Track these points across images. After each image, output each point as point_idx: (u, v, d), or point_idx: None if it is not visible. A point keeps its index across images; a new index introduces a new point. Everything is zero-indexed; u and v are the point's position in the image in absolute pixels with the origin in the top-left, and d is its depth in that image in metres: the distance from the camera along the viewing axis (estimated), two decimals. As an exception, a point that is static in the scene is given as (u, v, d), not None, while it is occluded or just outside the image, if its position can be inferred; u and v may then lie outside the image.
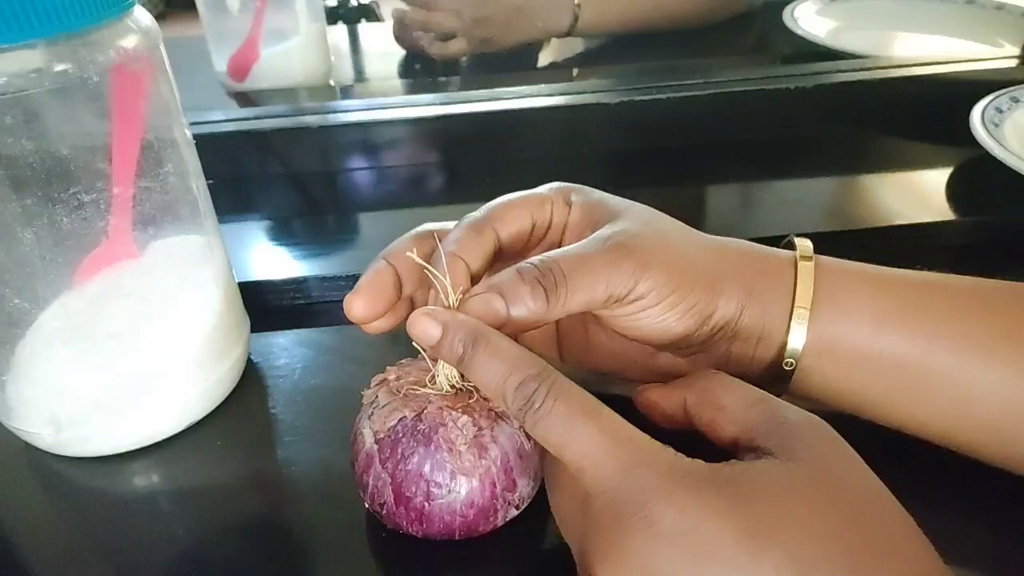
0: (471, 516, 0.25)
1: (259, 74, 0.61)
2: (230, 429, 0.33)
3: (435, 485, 0.25)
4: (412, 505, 0.25)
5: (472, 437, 0.25)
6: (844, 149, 0.54)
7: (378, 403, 0.27)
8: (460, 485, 0.25)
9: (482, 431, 0.25)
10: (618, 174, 0.52)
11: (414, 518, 0.25)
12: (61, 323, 0.29)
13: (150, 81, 0.28)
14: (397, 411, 0.26)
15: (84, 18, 0.25)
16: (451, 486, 0.25)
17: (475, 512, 0.25)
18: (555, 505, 0.24)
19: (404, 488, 0.25)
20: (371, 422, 0.26)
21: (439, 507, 0.25)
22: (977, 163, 0.48)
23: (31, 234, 0.27)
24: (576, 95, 0.54)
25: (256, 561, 0.27)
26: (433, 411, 0.26)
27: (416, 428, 0.25)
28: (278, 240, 0.46)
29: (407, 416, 0.26)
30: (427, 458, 0.25)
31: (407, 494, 0.25)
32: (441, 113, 0.53)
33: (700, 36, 0.76)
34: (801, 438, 0.22)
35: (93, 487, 0.31)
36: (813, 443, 0.22)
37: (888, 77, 0.55)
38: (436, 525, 0.25)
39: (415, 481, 0.25)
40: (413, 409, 0.26)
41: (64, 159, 0.26)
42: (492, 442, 0.25)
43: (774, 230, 0.44)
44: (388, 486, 0.25)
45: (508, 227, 0.28)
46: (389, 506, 0.26)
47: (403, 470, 0.25)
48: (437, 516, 0.25)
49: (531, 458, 0.26)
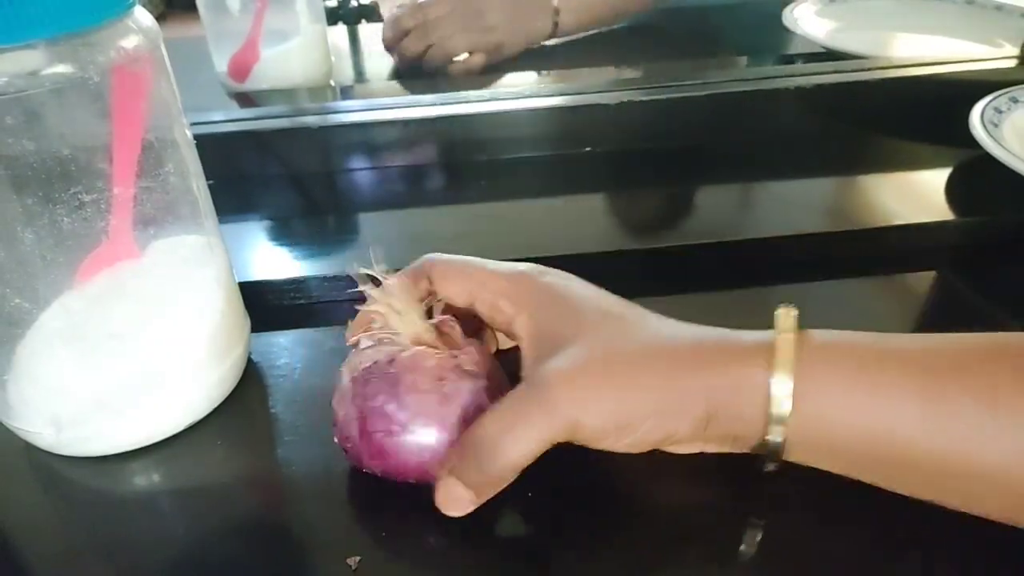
0: (426, 458, 0.27)
1: (259, 74, 0.61)
2: (230, 429, 0.33)
3: (396, 423, 0.27)
4: (373, 440, 0.27)
5: (436, 385, 0.27)
6: (844, 149, 0.54)
7: (360, 346, 0.29)
8: (419, 426, 0.27)
9: (446, 382, 0.27)
10: (618, 174, 0.52)
11: (374, 452, 0.27)
12: (62, 323, 0.29)
13: (151, 81, 0.28)
14: (373, 354, 0.28)
15: (85, 18, 0.25)
16: (410, 426, 0.27)
17: (430, 455, 0.27)
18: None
19: (368, 424, 0.27)
20: (349, 363, 0.29)
21: (397, 444, 0.27)
22: (976, 163, 0.48)
23: (32, 234, 0.27)
24: (576, 95, 0.54)
25: (256, 561, 0.27)
26: (405, 357, 0.28)
27: (387, 371, 0.27)
28: (278, 240, 0.46)
29: (381, 359, 0.28)
30: (392, 398, 0.27)
31: (370, 429, 0.27)
32: (441, 113, 0.53)
33: (700, 36, 0.76)
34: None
35: (93, 487, 0.31)
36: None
37: (888, 77, 0.55)
38: (393, 462, 0.27)
39: (379, 417, 0.27)
40: (388, 354, 0.28)
41: (65, 159, 0.26)
42: (455, 393, 0.27)
43: (774, 230, 0.44)
44: (355, 420, 0.27)
45: (444, 288, 0.30)
46: (354, 440, 0.28)
47: (369, 406, 0.27)
48: (395, 453, 0.27)
49: None
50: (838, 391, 0.25)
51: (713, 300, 0.40)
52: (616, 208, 0.50)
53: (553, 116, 0.53)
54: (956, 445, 0.24)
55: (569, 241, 0.43)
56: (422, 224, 0.48)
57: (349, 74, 0.72)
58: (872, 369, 0.25)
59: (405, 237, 0.43)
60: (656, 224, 0.49)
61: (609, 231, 0.47)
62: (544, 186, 0.51)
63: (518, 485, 0.26)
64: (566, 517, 0.28)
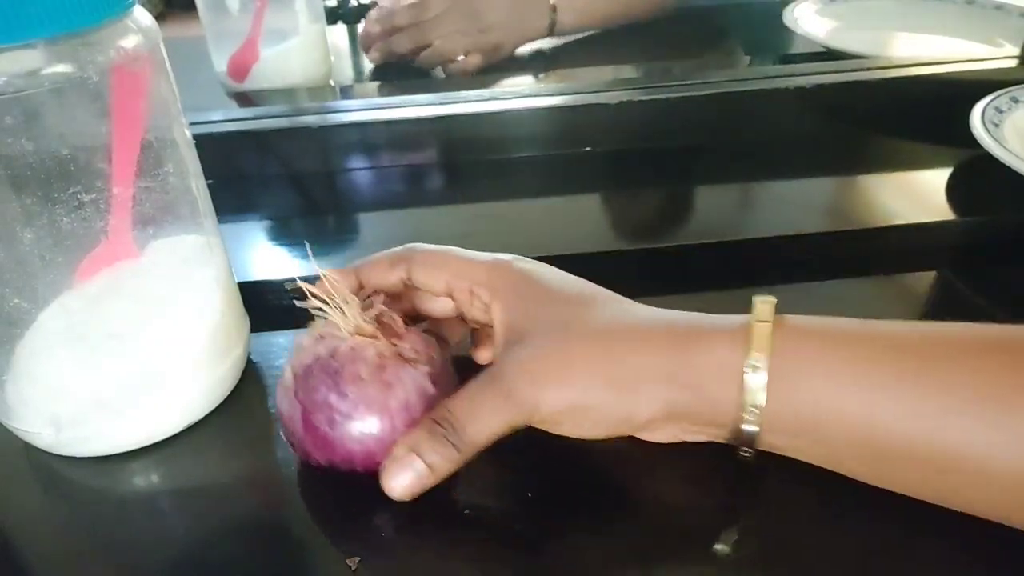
0: (371, 446, 0.27)
1: (259, 74, 0.61)
2: (230, 429, 0.33)
3: (338, 413, 0.27)
4: (318, 432, 0.28)
5: (376, 374, 0.27)
6: (844, 149, 0.54)
7: (301, 346, 0.29)
8: (362, 415, 0.27)
9: (386, 370, 0.28)
10: (618, 174, 0.52)
11: (319, 444, 0.28)
12: (61, 323, 0.29)
13: (150, 81, 0.28)
14: (313, 350, 0.29)
15: (84, 18, 0.25)
16: (353, 415, 0.27)
17: (375, 443, 0.27)
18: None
19: (311, 416, 0.28)
20: (291, 362, 0.29)
21: (341, 434, 0.27)
22: (977, 163, 0.48)
23: (31, 234, 0.27)
24: (576, 95, 0.54)
25: (256, 561, 0.27)
26: (345, 350, 0.28)
27: (328, 364, 0.28)
28: (278, 240, 0.46)
29: (322, 354, 0.28)
30: (333, 389, 0.27)
31: (314, 422, 0.28)
32: (441, 113, 0.53)
33: (700, 36, 0.76)
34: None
35: (93, 487, 0.31)
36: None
37: (888, 77, 0.55)
38: (338, 452, 0.28)
39: (321, 409, 0.27)
40: (328, 349, 0.28)
41: (64, 159, 0.26)
42: (396, 380, 0.28)
43: (774, 230, 0.44)
44: (299, 415, 0.28)
45: (422, 276, 0.31)
46: (299, 434, 0.28)
47: (312, 400, 0.28)
48: (339, 443, 0.27)
49: (434, 401, 0.28)
50: (813, 375, 0.25)
51: (713, 300, 0.40)
52: (616, 208, 0.50)
53: (553, 116, 0.53)
54: (930, 434, 0.24)
55: (569, 241, 0.43)
56: (422, 224, 0.48)
57: (349, 74, 0.72)
58: (848, 354, 0.25)
59: (405, 237, 0.43)
60: (656, 224, 0.49)
61: (609, 231, 0.47)
62: (544, 186, 0.51)
63: (517, 484, 0.26)
64: (563, 515, 0.28)
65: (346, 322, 0.29)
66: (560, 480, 0.29)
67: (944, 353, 0.24)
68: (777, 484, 0.28)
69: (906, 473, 0.25)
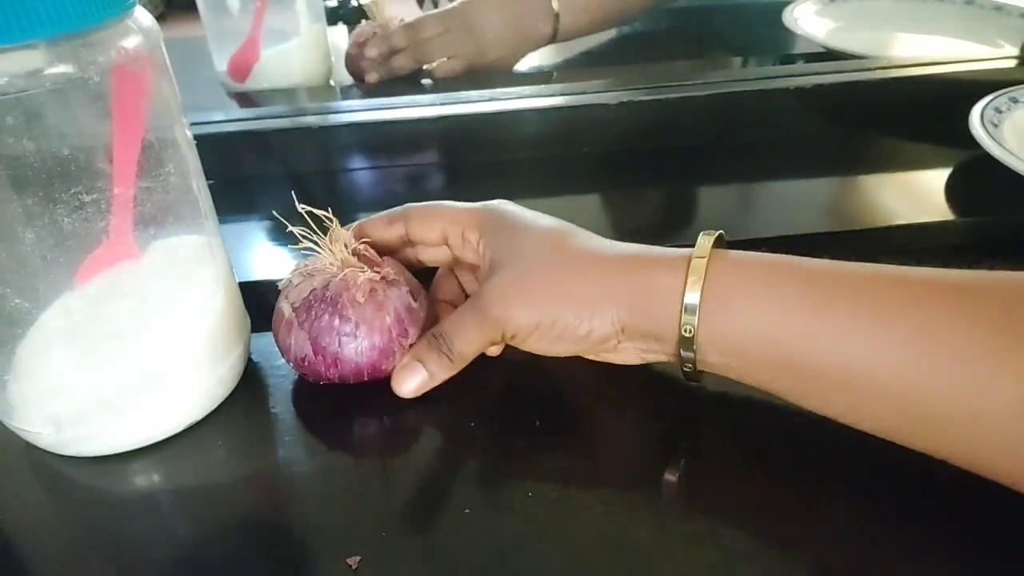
0: (375, 357, 0.33)
1: (259, 74, 0.61)
2: (231, 429, 0.33)
3: (344, 334, 0.32)
4: (327, 353, 0.32)
5: (369, 296, 0.32)
6: (844, 149, 0.54)
7: (292, 283, 0.34)
8: (363, 333, 0.32)
9: (376, 292, 0.33)
10: (617, 174, 0.53)
11: (330, 363, 0.32)
12: (62, 323, 0.29)
13: (151, 81, 0.28)
14: (308, 285, 0.33)
15: (85, 18, 0.25)
16: (357, 334, 0.32)
17: (378, 353, 0.33)
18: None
19: (319, 341, 0.32)
20: (287, 298, 0.33)
21: (349, 351, 0.32)
22: (976, 163, 0.48)
23: (32, 234, 0.27)
24: (575, 96, 0.54)
25: (256, 561, 0.27)
26: (337, 282, 0.33)
27: (324, 295, 0.32)
28: (279, 240, 0.46)
29: (316, 287, 0.33)
30: (335, 315, 0.32)
31: (323, 345, 0.32)
32: (441, 114, 0.53)
33: (700, 36, 0.76)
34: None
35: (94, 486, 0.31)
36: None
37: (887, 77, 0.55)
38: (348, 367, 0.33)
39: (328, 333, 0.32)
40: (321, 283, 0.33)
41: (65, 159, 0.26)
42: (386, 300, 0.33)
43: (773, 231, 0.44)
44: (307, 342, 0.32)
45: (418, 229, 0.36)
46: (309, 358, 0.33)
47: (317, 327, 0.32)
48: (348, 359, 0.32)
49: (418, 313, 0.34)
50: (741, 296, 0.28)
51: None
52: (616, 208, 0.50)
53: (553, 116, 0.53)
54: (829, 353, 0.26)
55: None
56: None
57: (349, 74, 0.72)
58: (777, 281, 0.28)
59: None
60: (656, 224, 0.49)
61: (608, 231, 0.47)
62: (544, 186, 0.51)
63: (518, 482, 0.26)
64: (561, 500, 0.28)
65: (334, 258, 0.33)
66: (559, 474, 0.29)
67: (855, 285, 0.27)
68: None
69: (818, 394, 0.28)
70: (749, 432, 0.31)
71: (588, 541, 0.27)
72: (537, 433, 0.32)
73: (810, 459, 0.30)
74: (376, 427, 0.33)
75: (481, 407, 0.33)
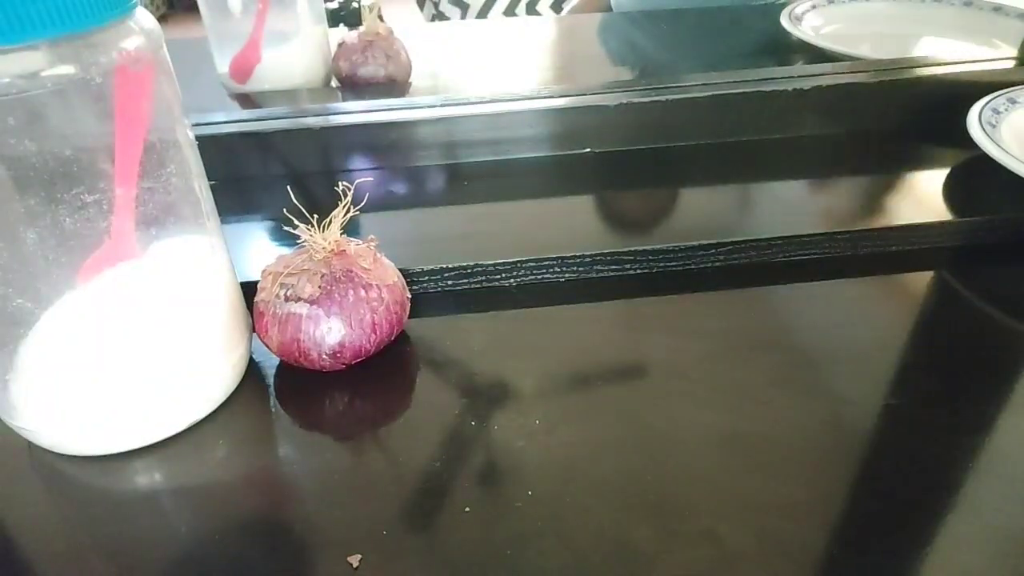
0: (399, 311, 0.35)
1: (261, 75, 0.61)
2: (232, 428, 0.33)
3: (372, 300, 0.34)
4: (364, 324, 0.33)
5: (374, 260, 0.34)
6: (843, 149, 0.54)
7: (289, 284, 0.33)
8: (386, 292, 0.34)
9: (375, 253, 0.35)
10: (617, 175, 0.53)
11: (369, 333, 0.34)
12: (64, 323, 0.29)
13: (153, 82, 0.29)
14: (313, 277, 0.33)
15: (87, 19, 0.25)
16: (382, 296, 0.34)
17: (399, 307, 0.35)
18: None
19: (354, 317, 0.33)
20: (296, 300, 0.33)
21: (381, 314, 0.34)
22: (974, 164, 0.48)
23: (34, 234, 0.27)
24: (575, 97, 0.54)
25: (257, 560, 0.27)
26: (337, 266, 0.34)
27: (336, 277, 0.33)
28: (280, 241, 0.46)
29: (325, 273, 0.33)
30: (359, 287, 0.33)
31: (359, 319, 0.33)
32: (441, 115, 0.53)
33: (700, 36, 0.76)
34: None
35: (95, 486, 0.31)
36: None
37: (886, 79, 0.55)
38: (384, 329, 0.34)
39: (360, 306, 0.33)
40: (320, 270, 0.33)
41: (67, 160, 0.26)
42: (381, 257, 0.35)
43: (772, 231, 0.44)
44: (342, 324, 0.33)
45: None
46: (346, 340, 0.33)
47: (348, 305, 0.33)
48: (382, 322, 0.34)
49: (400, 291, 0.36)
50: None
51: (713, 300, 0.40)
52: (616, 208, 0.50)
53: (553, 116, 0.53)
54: None
55: (569, 241, 0.43)
56: (423, 224, 0.48)
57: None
58: None
59: (406, 238, 0.43)
60: (655, 224, 0.50)
61: (608, 231, 0.47)
62: (544, 186, 0.51)
63: (516, 484, 0.26)
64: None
65: (327, 243, 0.34)
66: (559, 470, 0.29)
67: None
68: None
69: None
70: (749, 432, 0.31)
71: (588, 541, 0.27)
72: (537, 432, 0.32)
73: (810, 459, 0.30)
74: (376, 427, 0.33)
75: (481, 407, 0.34)
